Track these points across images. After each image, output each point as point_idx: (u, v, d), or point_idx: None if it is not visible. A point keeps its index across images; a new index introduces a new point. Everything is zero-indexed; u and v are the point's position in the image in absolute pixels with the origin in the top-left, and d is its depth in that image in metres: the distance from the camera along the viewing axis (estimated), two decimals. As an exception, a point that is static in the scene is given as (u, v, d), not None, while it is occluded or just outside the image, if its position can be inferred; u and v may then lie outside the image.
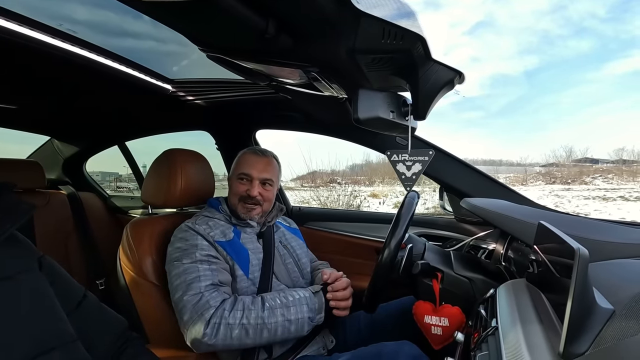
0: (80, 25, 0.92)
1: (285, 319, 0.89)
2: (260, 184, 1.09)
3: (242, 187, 1.08)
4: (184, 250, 0.95)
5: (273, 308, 0.89)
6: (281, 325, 0.88)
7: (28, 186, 1.74)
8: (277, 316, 0.88)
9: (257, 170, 1.08)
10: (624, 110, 58.79)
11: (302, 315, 0.91)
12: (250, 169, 1.08)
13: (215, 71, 1.04)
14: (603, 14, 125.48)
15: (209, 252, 0.95)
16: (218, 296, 0.89)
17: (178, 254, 0.95)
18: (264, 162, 1.11)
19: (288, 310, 0.90)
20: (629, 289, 0.53)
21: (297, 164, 11.86)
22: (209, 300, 0.87)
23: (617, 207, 7.82)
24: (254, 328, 0.86)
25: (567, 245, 0.49)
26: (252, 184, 1.08)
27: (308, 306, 0.92)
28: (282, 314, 0.89)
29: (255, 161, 1.10)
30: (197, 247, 0.95)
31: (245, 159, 1.11)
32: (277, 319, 0.88)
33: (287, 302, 0.91)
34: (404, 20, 0.55)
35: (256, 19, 0.56)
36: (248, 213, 1.07)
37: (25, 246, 0.58)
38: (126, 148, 2.21)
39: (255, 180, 1.08)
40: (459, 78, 0.73)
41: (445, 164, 1.28)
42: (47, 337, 0.50)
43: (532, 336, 0.52)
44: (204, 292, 0.88)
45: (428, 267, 0.99)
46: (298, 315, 0.90)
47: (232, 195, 1.10)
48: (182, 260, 0.93)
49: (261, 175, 1.09)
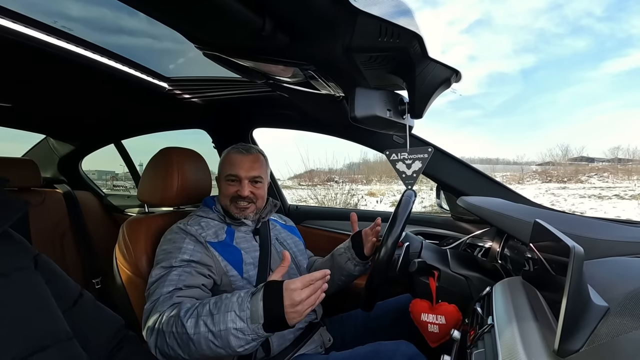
0: (75, 23, 0.91)
1: (207, 330, 0.70)
2: (250, 182, 1.07)
3: (232, 188, 1.06)
4: (168, 252, 0.94)
5: (199, 316, 0.72)
6: (204, 337, 0.70)
7: (23, 185, 1.73)
8: (200, 326, 0.71)
9: (244, 170, 1.06)
10: (619, 109, 59.20)
11: (225, 327, 0.69)
12: (237, 170, 1.06)
13: (211, 69, 1.04)
14: (599, 12, 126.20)
15: (190, 257, 0.92)
16: (168, 301, 0.82)
17: (161, 256, 0.94)
18: (250, 160, 1.07)
19: (212, 320, 0.71)
20: (624, 287, 0.53)
21: (295, 163, 11.85)
22: (156, 306, 0.82)
23: (613, 206, 7.87)
24: (181, 339, 0.72)
25: (563, 243, 0.50)
26: (241, 184, 1.05)
27: (235, 313, 0.70)
28: (204, 324, 0.71)
29: (240, 160, 1.07)
30: (180, 251, 0.93)
31: (231, 160, 1.08)
32: (200, 329, 0.71)
33: (214, 309, 0.72)
34: (401, 19, 0.55)
35: (253, 16, 0.55)
36: (242, 212, 1.06)
37: (21, 244, 0.58)
38: (122, 146, 2.20)
39: (244, 180, 1.06)
40: (455, 76, 0.73)
41: (442, 162, 1.29)
42: (42, 335, 0.50)
43: (528, 333, 0.52)
44: (160, 297, 0.84)
45: (425, 265, 0.99)
46: (221, 325, 0.69)
47: (223, 197, 1.08)
48: (161, 263, 0.91)
49: (249, 174, 1.06)
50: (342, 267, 1.09)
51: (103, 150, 2.22)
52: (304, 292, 0.70)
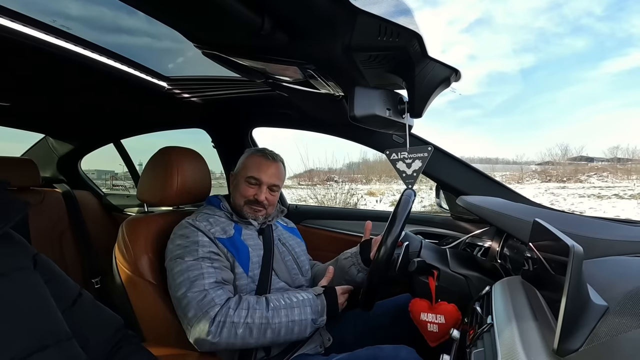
0: (74, 22, 0.91)
1: (289, 319, 0.88)
2: (268, 189, 1.09)
3: (250, 190, 1.07)
4: (184, 247, 0.95)
5: (277, 308, 0.89)
6: (285, 325, 0.87)
7: (22, 184, 1.73)
8: (282, 317, 0.88)
9: (267, 176, 1.08)
10: (619, 109, 59.28)
11: (306, 317, 0.90)
12: (260, 174, 1.07)
13: (211, 68, 1.04)
14: (599, 12, 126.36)
15: (210, 249, 0.95)
16: (223, 294, 0.88)
17: (179, 251, 0.95)
18: (274, 167, 1.10)
19: (292, 311, 0.89)
20: (623, 286, 0.53)
21: (294, 162, 11.85)
22: (214, 298, 0.86)
23: (612, 205, 7.89)
24: (258, 328, 0.85)
25: (562, 242, 0.50)
26: (260, 189, 1.07)
27: (311, 308, 0.91)
28: (286, 315, 0.88)
29: (266, 166, 1.08)
30: (199, 244, 0.94)
31: (256, 162, 1.09)
32: (281, 319, 0.87)
33: (292, 303, 0.90)
34: (400, 18, 0.55)
35: (252, 15, 0.55)
36: (254, 214, 1.09)
37: (20, 244, 0.57)
38: (122, 146, 2.20)
39: (264, 186, 1.07)
40: (455, 76, 0.73)
41: (442, 162, 1.29)
42: (41, 335, 0.50)
43: (527, 333, 0.52)
44: (209, 289, 0.87)
45: (424, 264, 0.99)
46: (302, 316, 0.89)
47: (239, 197, 1.09)
48: (185, 257, 0.93)
49: (271, 181, 1.08)
50: (346, 270, 1.09)
51: (102, 150, 2.22)
52: (344, 296, 0.99)
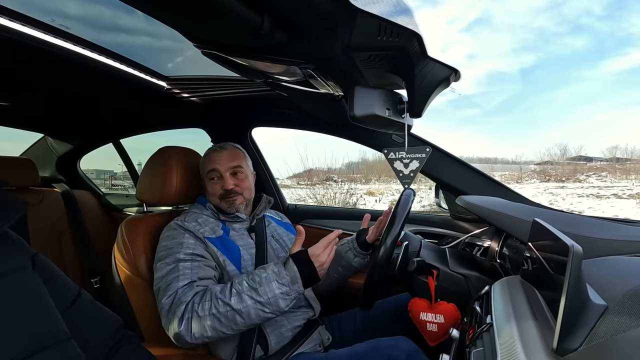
0: (73, 21, 0.90)
1: (255, 301, 0.83)
2: (231, 174, 1.09)
3: (216, 186, 1.08)
4: (168, 248, 0.95)
5: (240, 292, 0.85)
6: (253, 308, 0.83)
7: (21, 184, 1.72)
8: (246, 300, 0.84)
9: (221, 163, 1.08)
10: (619, 108, 59.34)
11: (273, 294, 0.84)
12: (215, 164, 1.08)
13: (210, 68, 1.04)
14: (599, 11, 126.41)
15: (193, 251, 0.95)
16: (189, 291, 0.88)
17: (163, 252, 0.96)
18: (226, 153, 1.11)
19: (256, 293, 0.84)
20: (622, 286, 0.53)
21: (294, 162, 11.84)
22: (180, 297, 0.87)
23: (611, 205, 7.89)
24: (225, 316, 0.83)
25: (561, 242, 0.50)
26: (223, 178, 1.08)
27: (277, 282, 0.85)
28: (250, 297, 0.84)
29: (216, 156, 1.10)
30: (182, 246, 0.95)
31: (208, 158, 1.11)
32: (247, 302, 0.83)
33: (254, 284, 0.85)
34: (400, 17, 0.55)
35: (251, 14, 0.55)
36: (232, 206, 1.08)
37: (19, 244, 0.57)
38: (121, 146, 2.19)
39: (225, 173, 1.08)
40: (454, 75, 0.73)
41: (441, 161, 1.29)
42: (40, 335, 0.49)
43: (526, 332, 0.52)
44: (178, 290, 0.88)
45: (424, 264, 1.00)
46: (268, 295, 0.84)
47: (212, 197, 1.10)
48: (165, 259, 0.93)
49: (227, 165, 1.09)
50: (342, 256, 1.10)
51: (102, 150, 2.21)
52: (325, 252, 0.88)
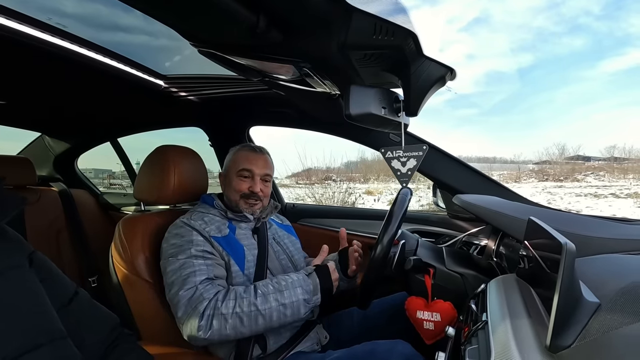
0: (70, 19, 0.90)
1: (279, 303, 0.87)
2: (261, 180, 1.11)
3: (244, 184, 1.09)
4: (179, 246, 0.95)
5: (266, 294, 0.88)
6: (276, 310, 0.87)
7: (18, 183, 1.72)
8: (271, 302, 0.87)
9: (258, 167, 1.10)
10: (617, 108, 59.52)
11: (297, 298, 0.89)
12: (251, 165, 1.09)
13: (208, 67, 1.03)
14: (597, 11, 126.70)
15: (204, 248, 0.96)
16: (212, 289, 0.89)
17: (173, 250, 0.95)
18: (263, 159, 1.13)
19: (282, 295, 0.88)
20: (615, 283, 0.54)
21: (292, 161, 11.83)
22: (202, 293, 0.87)
23: (609, 204, 7.93)
24: (248, 316, 0.85)
25: (555, 240, 0.50)
26: (254, 181, 1.09)
27: (302, 288, 0.91)
28: (275, 299, 0.88)
29: (255, 158, 1.11)
30: (193, 243, 0.95)
31: (245, 156, 1.11)
32: (271, 304, 0.87)
33: (280, 287, 0.90)
34: (396, 16, 0.55)
35: (247, 13, 0.55)
36: (250, 208, 1.09)
37: (16, 242, 0.57)
38: (119, 145, 2.19)
39: (257, 177, 1.09)
40: (450, 74, 0.73)
41: (439, 161, 1.29)
42: (35, 333, 0.49)
43: (521, 330, 0.52)
44: (199, 285, 0.88)
45: (420, 263, 1.00)
46: (292, 298, 0.89)
47: (233, 193, 1.09)
48: (178, 256, 0.93)
49: (262, 171, 1.11)
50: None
51: (100, 149, 2.21)
52: (335, 271, 0.99)
